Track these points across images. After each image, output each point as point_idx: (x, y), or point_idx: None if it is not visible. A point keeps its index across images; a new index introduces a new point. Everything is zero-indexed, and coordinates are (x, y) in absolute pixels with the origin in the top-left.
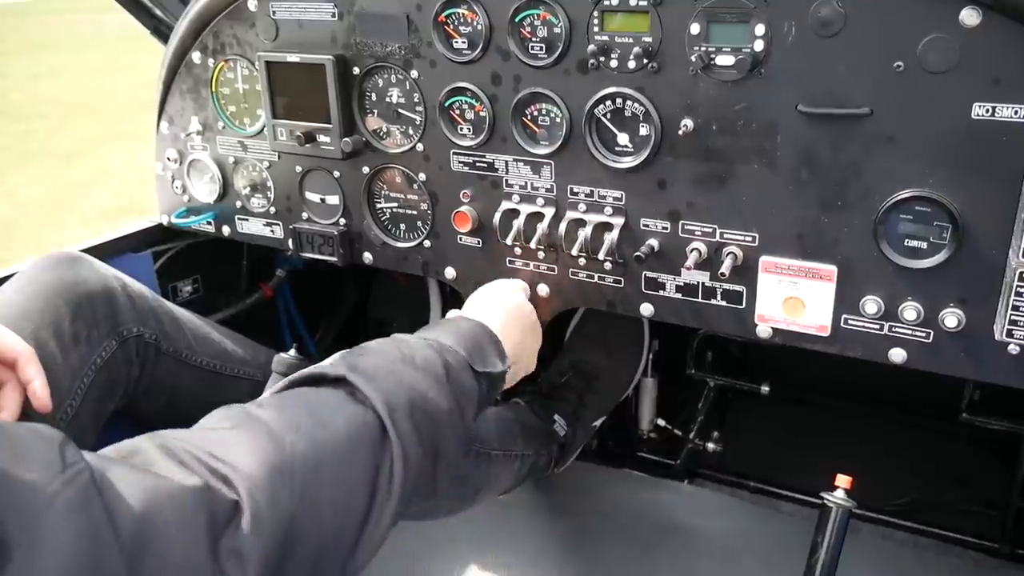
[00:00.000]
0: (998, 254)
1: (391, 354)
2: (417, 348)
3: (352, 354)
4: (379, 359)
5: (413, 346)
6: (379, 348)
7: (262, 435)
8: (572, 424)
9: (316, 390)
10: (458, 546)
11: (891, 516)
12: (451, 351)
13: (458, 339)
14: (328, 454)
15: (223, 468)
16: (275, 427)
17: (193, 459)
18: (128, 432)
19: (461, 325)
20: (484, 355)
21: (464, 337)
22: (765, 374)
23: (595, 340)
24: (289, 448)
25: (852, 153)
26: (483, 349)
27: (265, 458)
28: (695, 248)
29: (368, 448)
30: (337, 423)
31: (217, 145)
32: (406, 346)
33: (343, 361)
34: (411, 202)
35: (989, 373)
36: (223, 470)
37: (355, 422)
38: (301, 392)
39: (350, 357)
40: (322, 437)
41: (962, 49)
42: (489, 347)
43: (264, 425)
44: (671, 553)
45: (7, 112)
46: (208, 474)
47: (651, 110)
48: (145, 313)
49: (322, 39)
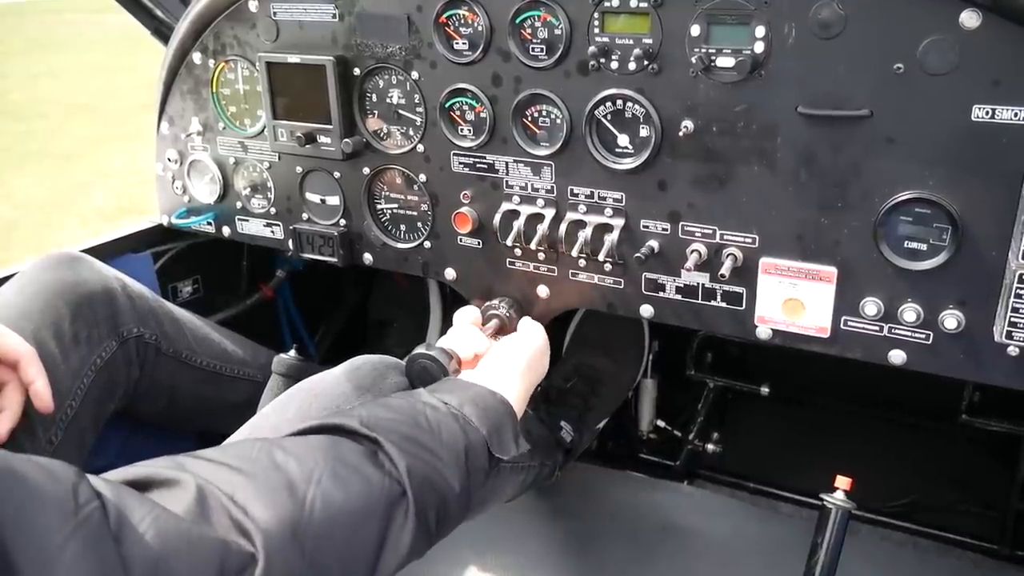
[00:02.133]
0: (998, 256)
1: (417, 421)
2: (443, 419)
3: (377, 414)
4: (404, 426)
5: (440, 415)
6: (405, 410)
7: (283, 489)
8: (578, 429)
9: (339, 442)
10: (458, 547)
11: (891, 517)
12: (473, 428)
13: (482, 416)
14: (343, 518)
15: (243, 520)
16: (297, 480)
17: (218, 505)
18: (128, 432)
19: (486, 398)
20: (502, 438)
21: (487, 415)
22: (765, 375)
23: (596, 342)
24: (308, 507)
25: (852, 155)
26: (502, 432)
27: (283, 515)
28: (695, 249)
29: (382, 515)
30: (357, 487)
31: (217, 146)
32: (432, 414)
33: (372, 417)
34: (411, 203)
35: (988, 375)
36: (243, 522)
37: (375, 488)
38: (324, 443)
39: (375, 418)
40: (340, 500)
41: (962, 51)
42: (508, 430)
43: (286, 477)
44: (670, 554)
45: (7, 112)
46: (229, 524)
47: (651, 111)
48: (145, 314)
49: (323, 40)
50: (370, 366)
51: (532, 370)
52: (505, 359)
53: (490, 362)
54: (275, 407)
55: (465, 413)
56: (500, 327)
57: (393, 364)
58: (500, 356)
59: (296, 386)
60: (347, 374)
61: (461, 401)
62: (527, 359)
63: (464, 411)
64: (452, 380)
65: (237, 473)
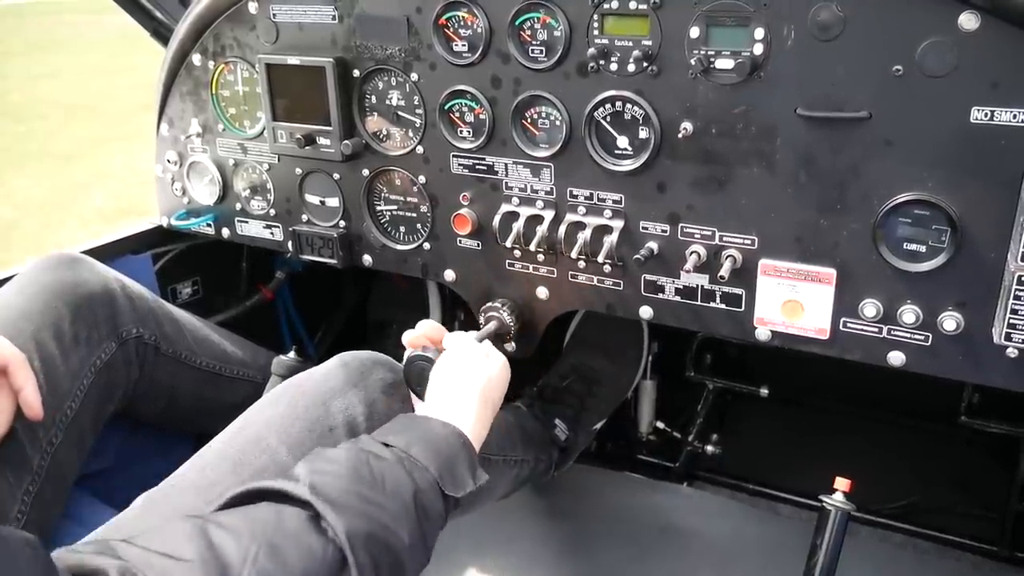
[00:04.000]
0: (997, 257)
1: (359, 474)
2: (388, 468)
3: (318, 470)
4: (345, 481)
5: (384, 464)
6: (347, 462)
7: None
8: (573, 428)
9: (279, 511)
10: (457, 548)
11: (890, 519)
12: (421, 470)
13: (432, 454)
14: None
15: None
16: (233, 560)
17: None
18: (128, 433)
19: (436, 433)
20: (455, 475)
21: (439, 451)
22: (764, 377)
23: (595, 343)
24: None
25: (851, 156)
26: (455, 467)
27: None
28: (694, 251)
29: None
30: (297, 560)
31: (217, 147)
32: (377, 463)
33: (308, 479)
34: (411, 204)
35: (987, 376)
36: None
37: (317, 559)
38: (262, 513)
39: (315, 474)
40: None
41: (960, 53)
42: (462, 463)
43: (221, 560)
44: (670, 555)
45: (7, 113)
46: None
47: (651, 113)
48: (145, 314)
49: (322, 42)
50: (358, 361)
51: (489, 396)
52: (460, 384)
53: (443, 388)
54: (265, 403)
55: (412, 455)
56: (499, 327)
57: (381, 360)
58: (455, 381)
59: (286, 382)
60: (335, 369)
61: (408, 442)
62: (482, 383)
63: (411, 452)
64: (402, 417)
65: (169, 559)
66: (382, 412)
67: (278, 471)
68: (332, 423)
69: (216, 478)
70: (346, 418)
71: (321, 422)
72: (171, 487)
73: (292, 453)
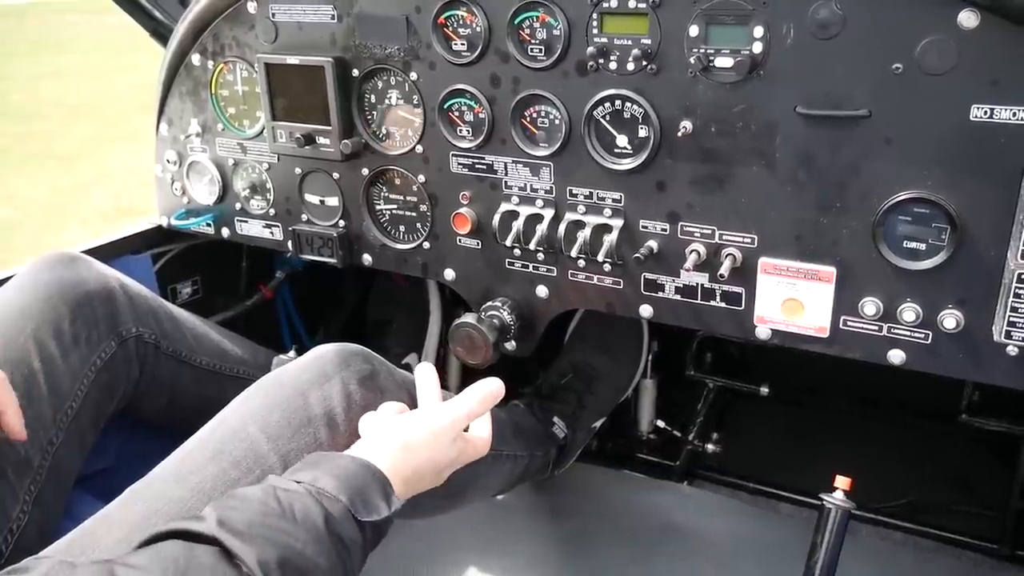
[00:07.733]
0: (997, 255)
1: (267, 506)
2: (296, 497)
3: (226, 507)
4: (253, 514)
5: (292, 495)
6: (254, 498)
7: None
8: (572, 426)
9: (190, 548)
10: (458, 547)
11: (890, 517)
12: (331, 498)
13: (339, 484)
14: None
15: None
16: None
17: None
18: (128, 432)
19: (345, 466)
20: (367, 501)
21: (348, 481)
22: (764, 375)
23: (595, 341)
24: None
25: (851, 155)
26: (367, 494)
27: None
28: (694, 249)
29: None
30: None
31: (216, 147)
32: (285, 495)
33: (215, 515)
34: (410, 204)
35: (988, 374)
36: None
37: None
38: (172, 552)
39: (223, 510)
40: None
41: (960, 51)
42: (374, 491)
43: None
44: (670, 554)
45: (8, 114)
46: None
47: (650, 112)
48: (144, 313)
49: (321, 41)
50: (332, 353)
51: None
52: (386, 433)
53: (368, 436)
54: (244, 396)
55: (320, 486)
56: (502, 327)
57: (356, 350)
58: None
59: (266, 376)
60: (311, 362)
61: (315, 476)
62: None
63: (319, 484)
64: (312, 457)
65: None
66: (359, 403)
67: (256, 459)
68: (310, 414)
69: (195, 467)
70: (324, 409)
71: (299, 412)
72: (154, 478)
73: (271, 442)
